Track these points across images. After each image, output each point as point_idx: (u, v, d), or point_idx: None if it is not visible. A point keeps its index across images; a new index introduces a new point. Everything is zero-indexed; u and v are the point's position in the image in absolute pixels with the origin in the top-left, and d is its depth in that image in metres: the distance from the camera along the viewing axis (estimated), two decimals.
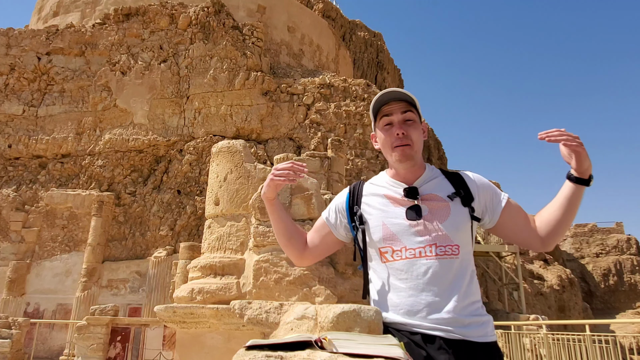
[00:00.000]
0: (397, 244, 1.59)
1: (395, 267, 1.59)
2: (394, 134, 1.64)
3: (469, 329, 1.50)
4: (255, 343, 1.23)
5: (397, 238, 1.60)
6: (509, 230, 1.70)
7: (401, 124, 1.65)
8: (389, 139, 1.66)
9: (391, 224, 1.61)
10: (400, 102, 1.66)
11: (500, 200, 1.68)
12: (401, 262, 1.58)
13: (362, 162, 15.35)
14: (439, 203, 1.62)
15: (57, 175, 16.39)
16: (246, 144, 4.12)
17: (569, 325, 7.99)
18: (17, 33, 18.16)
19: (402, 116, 1.65)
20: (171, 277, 13.18)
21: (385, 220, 1.63)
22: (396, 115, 1.65)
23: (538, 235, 1.66)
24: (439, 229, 1.57)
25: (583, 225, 33.98)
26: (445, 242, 1.56)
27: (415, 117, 1.67)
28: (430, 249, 1.56)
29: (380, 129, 1.70)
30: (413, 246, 1.57)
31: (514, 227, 1.69)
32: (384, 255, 1.62)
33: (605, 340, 6.92)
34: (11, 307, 14.51)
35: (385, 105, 1.67)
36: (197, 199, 14.95)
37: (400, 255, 1.58)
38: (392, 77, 32.75)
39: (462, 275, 1.57)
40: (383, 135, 1.68)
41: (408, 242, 1.58)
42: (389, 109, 1.66)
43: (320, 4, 27.94)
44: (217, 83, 16.15)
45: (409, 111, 1.66)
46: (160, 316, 3.62)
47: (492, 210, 1.68)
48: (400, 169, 1.68)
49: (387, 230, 1.61)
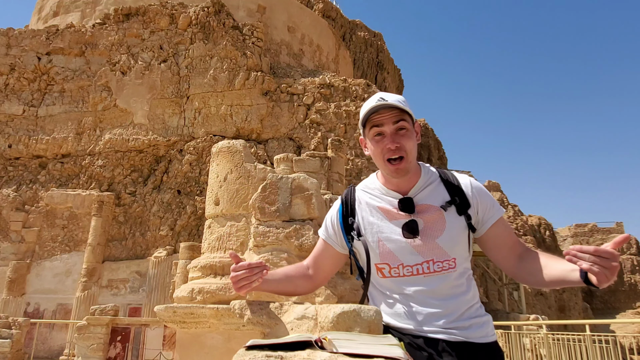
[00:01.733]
0: (395, 261, 1.57)
1: (393, 283, 1.58)
2: (385, 146, 1.53)
3: (470, 331, 1.51)
4: (255, 343, 1.23)
5: (394, 256, 1.57)
6: (491, 246, 1.64)
7: (393, 135, 1.54)
8: (380, 151, 1.55)
9: (387, 241, 1.58)
10: (391, 109, 1.53)
11: (495, 213, 1.62)
12: (399, 279, 1.57)
13: (362, 162, 15.35)
14: (435, 214, 1.57)
15: (57, 175, 16.39)
16: (246, 144, 4.12)
17: (569, 325, 7.99)
18: (17, 33, 18.16)
19: (394, 126, 1.54)
20: (171, 277, 13.18)
21: (381, 236, 1.59)
22: (387, 125, 1.54)
23: (513, 267, 1.60)
24: (435, 245, 1.54)
25: (583, 225, 33.98)
26: (443, 257, 1.54)
27: (409, 124, 1.55)
28: (427, 266, 1.54)
29: (370, 139, 1.58)
30: (410, 263, 1.55)
31: (497, 245, 1.63)
32: (382, 272, 1.60)
33: (605, 340, 6.92)
34: (11, 307, 14.50)
35: (375, 114, 1.54)
36: (197, 199, 14.94)
37: (398, 272, 1.57)
38: (392, 77, 32.74)
39: (459, 285, 1.56)
40: (373, 146, 1.57)
41: (405, 259, 1.56)
42: (379, 119, 1.54)
43: (320, 4, 27.93)
44: (217, 83, 16.15)
45: (402, 120, 1.54)
46: (160, 316, 3.62)
47: (482, 220, 1.62)
48: (394, 181, 1.61)
49: (383, 247, 1.58)
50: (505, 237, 1.63)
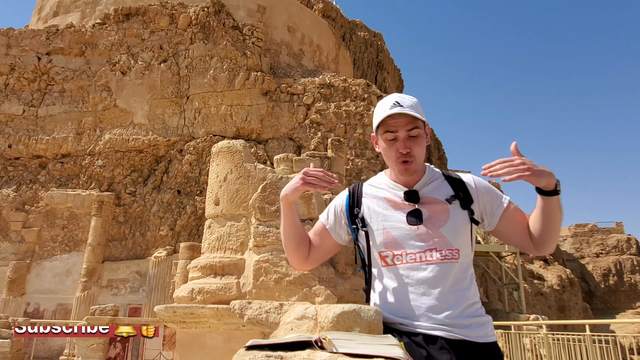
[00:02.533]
0: (398, 248, 1.59)
1: (395, 271, 1.59)
2: (397, 150, 1.61)
3: (469, 330, 1.51)
4: (255, 343, 1.23)
5: (398, 243, 1.59)
6: (507, 234, 1.69)
7: (405, 140, 1.60)
8: (392, 154, 1.63)
9: (392, 228, 1.61)
10: (406, 116, 1.59)
11: (501, 204, 1.67)
12: (402, 266, 1.58)
13: (362, 162, 15.35)
14: (439, 206, 1.61)
15: (57, 175, 16.39)
16: (246, 144, 4.12)
17: (569, 325, 7.99)
18: (17, 33, 18.16)
19: (407, 133, 1.60)
20: (171, 277, 13.18)
21: (385, 224, 1.62)
22: (401, 132, 1.60)
23: (531, 243, 1.66)
24: (439, 234, 1.57)
25: (583, 225, 33.98)
26: (446, 246, 1.57)
27: (421, 130, 1.62)
28: (430, 254, 1.56)
29: (382, 140, 1.65)
30: (414, 251, 1.57)
31: (512, 231, 1.68)
32: (385, 260, 1.62)
33: (605, 340, 6.92)
34: (11, 307, 14.51)
35: (391, 119, 1.60)
36: (197, 199, 14.95)
37: (401, 260, 1.58)
38: (392, 77, 32.75)
39: (462, 279, 1.58)
40: (386, 146, 1.64)
41: (409, 247, 1.58)
42: (394, 124, 1.60)
43: (320, 4, 27.94)
44: (217, 83, 16.15)
45: (415, 127, 1.60)
46: (160, 316, 3.62)
47: (491, 213, 1.67)
48: (402, 178, 1.68)
49: (387, 234, 1.61)
50: (520, 218, 1.68)
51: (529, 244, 1.66)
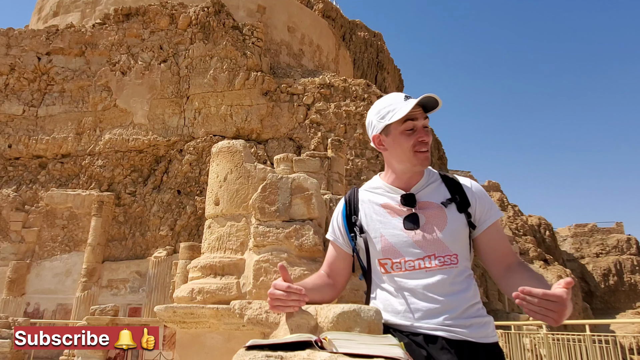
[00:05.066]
0: (396, 256, 1.58)
1: (395, 278, 1.59)
2: (418, 139, 1.61)
3: (470, 330, 1.51)
4: (255, 343, 1.23)
5: (396, 250, 1.59)
6: (482, 248, 1.66)
7: (422, 130, 1.63)
8: (409, 145, 1.61)
9: (389, 236, 1.60)
10: (419, 106, 1.62)
11: (492, 215, 1.64)
12: (401, 274, 1.58)
13: (362, 162, 15.35)
14: (436, 211, 1.60)
15: (57, 175, 16.39)
16: (246, 144, 4.11)
17: (569, 325, 7.99)
18: (17, 33, 18.16)
19: (423, 122, 1.63)
20: (171, 277, 13.18)
21: (383, 231, 1.61)
22: (420, 120, 1.62)
23: (499, 274, 1.63)
24: (437, 239, 1.56)
25: (583, 225, 33.97)
26: (444, 252, 1.56)
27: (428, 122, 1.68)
28: (429, 261, 1.55)
29: (400, 133, 1.63)
30: (412, 258, 1.56)
31: (487, 248, 1.65)
32: (384, 267, 1.61)
33: (605, 340, 6.92)
34: (11, 307, 14.50)
35: (414, 109, 1.62)
36: (197, 199, 14.95)
37: (400, 267, 1.58)
38: (392, 77, 32.75)
39: (461, 282, 1.57)
40: (403, 139, 1.62)
41: (407, 254, 1.57)
42: (414, 113, 1.61)
43: (320, 4, 27.94)
44: (217, 83, 16.15)
45: (427, 117, 1.64)
46: (160, 316, 3.62)
47: (482, 221, 1.64)
48: (409, 172, 1.66)
49: (385, 242, 1.60)
50: (497, 242, 1.65)
51: (498, 273, 1.63)
